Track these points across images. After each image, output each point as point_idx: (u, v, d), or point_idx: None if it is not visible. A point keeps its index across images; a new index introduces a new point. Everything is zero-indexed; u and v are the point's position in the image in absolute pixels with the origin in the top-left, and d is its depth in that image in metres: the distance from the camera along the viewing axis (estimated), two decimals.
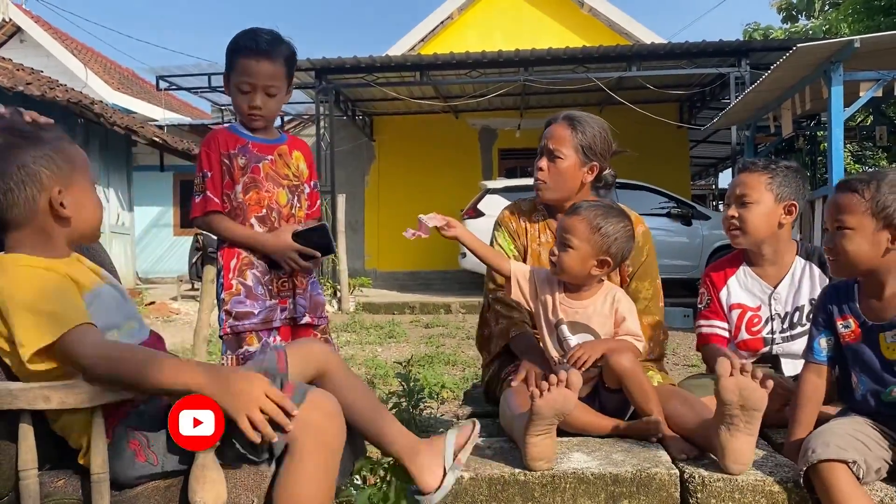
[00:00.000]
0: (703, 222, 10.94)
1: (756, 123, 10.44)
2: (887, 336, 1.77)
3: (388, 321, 8.79)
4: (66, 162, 1.49)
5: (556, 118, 2.43)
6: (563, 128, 2.37)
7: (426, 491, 1.70)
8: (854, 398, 1.85)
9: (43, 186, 1.45)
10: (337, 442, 1.49)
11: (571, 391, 1.73)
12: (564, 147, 2.35)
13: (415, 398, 3.19)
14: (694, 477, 1.75)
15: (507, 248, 2.51)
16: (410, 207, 15.33)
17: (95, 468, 1.35)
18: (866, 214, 1.74)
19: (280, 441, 1.41)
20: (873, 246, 1.74)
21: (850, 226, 1.75)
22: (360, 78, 11.81)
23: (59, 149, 1.49)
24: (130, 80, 19.30)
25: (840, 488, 1.57)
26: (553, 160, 2.37)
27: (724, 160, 18.15)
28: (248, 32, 2.25)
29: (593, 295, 2.13)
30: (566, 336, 2.10)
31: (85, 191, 1.53)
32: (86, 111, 10.22)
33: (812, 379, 1.89)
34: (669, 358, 5.90)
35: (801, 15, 19.47)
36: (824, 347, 1.90)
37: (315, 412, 1.46)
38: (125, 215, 13.04)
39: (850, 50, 6.71)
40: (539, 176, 2.41)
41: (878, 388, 1.79)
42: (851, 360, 1.85)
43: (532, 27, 14.14)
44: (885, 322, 1.78)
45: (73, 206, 1.49)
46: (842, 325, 1.87)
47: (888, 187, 1.73)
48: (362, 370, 5.42)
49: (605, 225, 2.06)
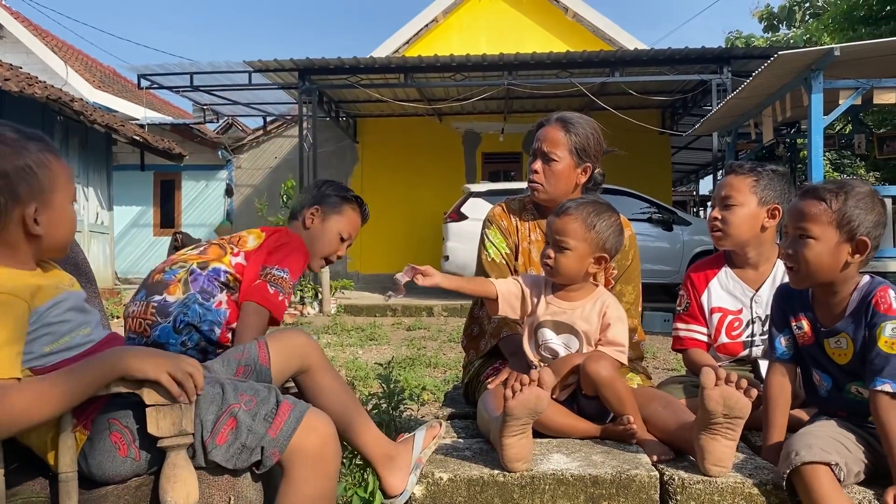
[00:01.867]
0: (684, 228, 11.02)
1: (737, 130, 10.52)
2: (831, 342, 1.78)
3: (369, 323, 8.76)
4: (48, 178, 1.41)
5: (549, 120, 2.42)
6: (556, 130, 2.37)
7: (391, 494, 1.74)
8: (820, 396, 1.86)
9: (18, 201, 1.37)
10: (333, 466, 1.48)
11: (544, 390, 1.73)
12: (559, 149, 2.35)
13: (395, 400, 3.17)
14: (674, 479, 1.74)
15: (500, 246, 2.48)
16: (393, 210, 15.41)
17: (63, 467, 1.31)
18: (831, 225, 1.70)
19: (269, 456, 1.40)
20: (833, 258, 1.71)
21: (813, 235, 1.72)
22: (344, 79, 11.79)
23: (43, 163, 1.40)
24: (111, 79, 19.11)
25: (822, 491, 1.57)
26: (548, 162, 2.36)
27: (706, 166, 18.32)
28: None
29: (584, 297, 2.10)
30: (546, 338, 2.09)
31: (62, 209, 1.45)
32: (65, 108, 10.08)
33: (777, 378, 1.89)
34: (650, 362, 5.92)
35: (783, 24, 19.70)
36: (785, 346, 1.90)
37: (311, 436, 1.44)
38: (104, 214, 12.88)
39: (830, 58, 6.78)
40: (535, 178, 2.39)
41: (839, 386, 1.80)
42: (809, 360, 1.86)
43: (516, 32, 14.19)
44: (829, 328, 1.78)
45: (46, 225, 1.41)
46: (796, 326, 1.87)
47: (855, 200, 1.70)
48: (343, 372, 5.39)
49: (599, 222, 2.05)
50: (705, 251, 10.12)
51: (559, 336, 2.08)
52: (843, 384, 1.79)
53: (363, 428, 1.77)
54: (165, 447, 1.35)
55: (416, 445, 1.80)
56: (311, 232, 2.37)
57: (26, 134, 1.43)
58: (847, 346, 1.75)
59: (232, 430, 1.42)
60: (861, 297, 1.73)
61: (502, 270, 2.43)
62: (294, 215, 2.43)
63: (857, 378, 1.75)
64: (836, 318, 1.77)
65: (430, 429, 1.86)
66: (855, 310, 1.73)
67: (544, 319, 2.09)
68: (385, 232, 14.64)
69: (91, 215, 12.10)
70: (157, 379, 1.32)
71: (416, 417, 3.70)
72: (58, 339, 1.39)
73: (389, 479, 1.75)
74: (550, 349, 2.08)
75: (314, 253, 2.36)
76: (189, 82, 12.10)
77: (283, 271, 2.08)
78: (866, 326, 1.69)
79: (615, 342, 2.06)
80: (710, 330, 2.39)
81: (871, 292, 1.71)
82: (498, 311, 2.13)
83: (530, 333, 2.12)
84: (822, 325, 1.80)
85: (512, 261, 2.48)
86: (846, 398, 1.79)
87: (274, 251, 2.13)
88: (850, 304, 1.74)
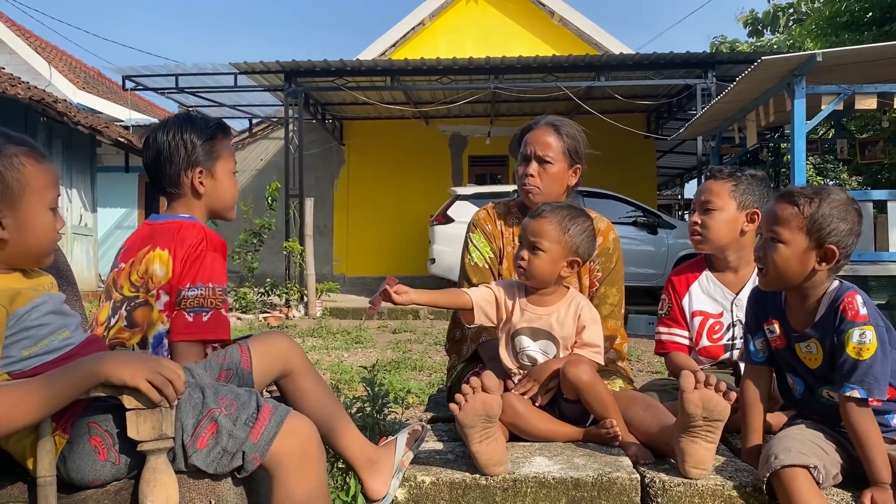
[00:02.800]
0: (669, 231, 11.08)
1: (721, 134, 10.60)
2: (801, 346, 1.80)
3: (355, 326, 8.74)
4: (18, 182, 1.38)
5: (538, 123, 2.44)
6: (549, 133, 2.39)
7: (374, 498, 1.74)
8: (795, 399, 1.88)
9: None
10: (319, 466, 1.48)
11: (491, 394, 1.73)
12: (552, 152, 2.38)
13: (379, 403, 3.16)
14: (655, 481, 1.75)
15: (483, 250, 2.49)
16: (380, 212, 15.39)
17: (41, 472, 1.30)
18: (801, 231, 1.72)
19: (250, 461, 1.40)
20: (800, 264, 1.73)
21: (783, 239, 1.74)
22: (331, 81, 11.78)
23: (13, 166, 1.38)
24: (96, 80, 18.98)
25: (801, 493, 1.59)
26: (543, 165, 2.38)
27: (690, 170, 18.41)
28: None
29: (557, 301, 2.11)
30: (524, 346, 2.09)
31: (34, 214, 1.41)
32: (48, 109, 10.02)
33: (753, 381, 1.91)
34: (634, 364, 5.95)
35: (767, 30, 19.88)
36: (760, 349, 1.92)
37: (292, 440, 1.44)
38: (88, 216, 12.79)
39: (813, 63, 6.85)
40: (530, 182, 2.40)
41: (811, 389, 1.82)
42: (783, 364, 1.88)
43: (503, 36, 14.23)
44: (800, 332, 1.80)
45: (13, 229, 1.38)
46: (768, 329, 1.89)
47: (829, 207, 1.70)
48: (327, 375, 5.37)
49: (573, 226, 2.06)
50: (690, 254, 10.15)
51: (536, 342, 2.09)
52: (815, 388, 1.81)
53: (345, 432, 1.76)
54: (145, 451, 1.34)
55: (399, 449, 1.80)
56: (207, 196, 2.05)
57: (8, 137, 1.41)
58: (817, 350, 1.77)
59: (213, 434, 1.41)
60: (830, 302, 1.74)
61: (485, 275, 2.44)
62: (174, 193, 2.05)
63: (828, 382, 1.77)
64: (805, 323, 1.79)
65: (412, 432, 1.86)
66: (823, 315, 1.75)
67: (521, 327, 2.09)
68: (371, 235, 14.63)
69: (75, 217, 12.02)
70: (136, 386, 1.31)
71: (400, 420, 3.70)
72: (36, 342, 1.38)
73: (371, 483, 1.75)
74: (529, 356, 2.09)
75: (223, 209, 2.09)
76: (174, 84, 12.03)
77: (197, 288, 1.80)
78: (835, 332, 1.70)
79: (591, 343, 2.07)
80: (691, 333, 2.41)
81: (839, 298, 1.72)
82: (474, 321, 2.12)
83: (507, 341, 2.12)
84: (793, 329, 1.82)
85: (496, 265, 2.48)
86: (819, 402, 1.82)
87: (183, 272, 1.82)
88: (819, 309, 1.76)
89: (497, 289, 2.14)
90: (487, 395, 1.74)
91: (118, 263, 1.93)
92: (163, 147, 2.00)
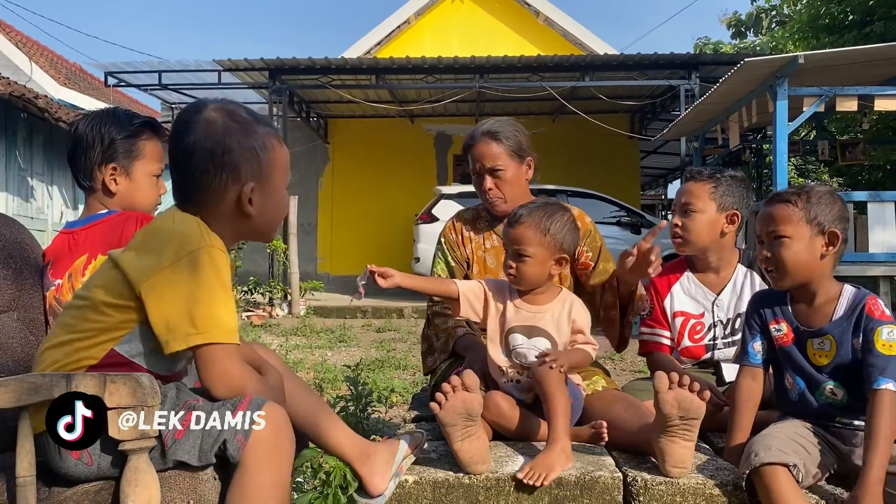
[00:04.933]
0: None
1: (704, 135, 10.68)
2: (814, 343, 1.85)
3: (339, 325, 8.71)
4: (269, 161, 1.52)
5: (475, 138, 2.47)
6: (489, 144, 2.43)
7: (374, 494, 1.69)
8: (790, 400, 1.90)
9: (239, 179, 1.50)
10: (287, 455, 1.44)
11: (472, 392, 1.73)
12: (500, 160, 2.42)
13: (363, 402, 3.15)
14: (637, 480, 1.76)
15: (448, 261, 2.56)
16: (364, 211, 15.32)
17: (21, 471, 1.29)
18: (802, 222, 1.82)
19: (236, 446, 1.37)
20: (810, 251, 1.82)
21: (788, 234, 1.82)
22: (315, 79, 11.73)
23: (266, 147, 1.51)
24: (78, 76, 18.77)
25: (780, 492, 1.61)
26: (496, 175, 2.43)
27: (674, 171, 18.53)
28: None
29: (551, 300, 2.11)
30: (517, 343, 2.09)
31: (276, 193, 1.56)
32: (29, 105, 9.88)
33: (747, 383, 1.94)
34: (616, 364, 5.97)
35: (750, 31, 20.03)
36: (759, 351, 1.95)
37: (268, 426, 1.39)
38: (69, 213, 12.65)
39: (795, 65, 6.92)
40: (491, 195, 2.45)
41: (811, 388, 1.85)
42: (784, 362, 1.91)
43: (488, 35, 14.23)
44: (815, 329, 1.85)
45: (259, 205, 1.51)
46: (775, 328, 1.92)
47: (817, 198, 1.83)
48: (311, 374, 5.36)
49: (552, 224, 2.06)
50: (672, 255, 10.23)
51: (531, 339, 2.09)
52: (816, 386, 1.84)
53: (334, 429, 1.70)
54: (127, 450, 1.33)
55: (401, 451, 1.76)
56: (120, 196, 2.00)
57: (257, 119, 1.55)
58: (830, 347, 1.82)
59: (190, 424, 1.39)
60: (850, 304, 1.82)
61: None
62: (87, 187, 2.00)
63: (833, 379, 1.81)
64: (821, 321, 1.84)
65: (414, 438, 1.83)
66: (844, 315, 1.81)
67: (516, 325, 2.09)
68: (356, 233, 14.59)
69: (56, 214, 11.89)
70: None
71: (384, 420, 3.70)
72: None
73: (371, 477, 1.69)
74: (521, 354, 2.09)
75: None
76: (157, 80, 11.93)
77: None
78: (861, 332, 1.77)
79: (590, 341, 2.10)
80: (673, 334, 2.43)
81: (862, 300, 1.80)
82: (460, 312, 2.13)
83: (501, 339, 2.13)
84: (804, 326, 1.87)
85: (461, 272, 2.54)
86: (816, 401, 1.84)
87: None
88: (837, 308, 1.83)
89: (487, 285, 2.15)
90: (468, 393, 1.74)
91: (51, 282, 1.86)
92: (81, 138, 1.95)
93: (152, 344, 1.43)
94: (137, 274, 1.40)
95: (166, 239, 1.43)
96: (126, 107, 2.41)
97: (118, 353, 1.44)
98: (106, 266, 1.48)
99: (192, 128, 1.48)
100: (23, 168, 10.83)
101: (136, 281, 1.39)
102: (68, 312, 1.49)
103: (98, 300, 1.43)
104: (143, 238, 1.49)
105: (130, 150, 1.98)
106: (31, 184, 11.06)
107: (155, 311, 1.38)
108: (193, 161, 1.47)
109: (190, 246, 1.40)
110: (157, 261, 1.39)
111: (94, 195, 1.99)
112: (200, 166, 1.47)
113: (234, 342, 1.42)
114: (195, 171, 1.47)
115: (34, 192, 11.18)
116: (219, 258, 1.42)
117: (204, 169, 1.47)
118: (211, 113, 1.49)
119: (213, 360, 1.39)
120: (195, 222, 1.46)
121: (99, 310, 1.43)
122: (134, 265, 1.41)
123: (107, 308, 1.42)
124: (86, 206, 2.01)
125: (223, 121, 1.48)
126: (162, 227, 1.47)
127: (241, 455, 1.37)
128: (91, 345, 1.43)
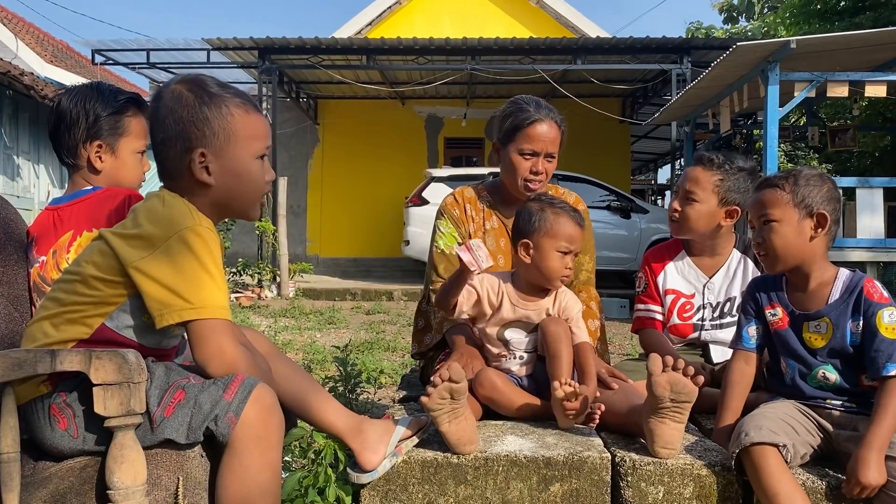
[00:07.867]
0: (642, 216, 11.15)
1: (696, 120, 10.68)
2: (810, 325, 1.85)
3: (328, 307, 8.70)
4: (224, 130, 1.50)
5: (541, 114, 2.32)
6: (555, 129, 2.31)
7: (366, 468, 1.68)
8: (784, 384, 1.91)
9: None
10: (277, 437, 1.43)
11: (457, 385, 1.72)
12: (555, 149, 2.33)
13: (352, 382, 3.15)
14: (625, 461, 1.77)
15: (450, 236, 2.47)
16: (354, 193, 15.27)
17: (5, 448, 1.27)
18: (789, 206, 1.82)
19: (226, 424, 1.36)
20: (799, 234, 1.82)
21: (776, 218, 1.83)
22: (305, 59, 11.62)
23: (222, 115, 1.49)
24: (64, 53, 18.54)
25: (769, 471, 1.62)
26: (549, 162, 2.34)
27: (664, 155, 18.55)
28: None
29: (549, 296, 2.11)
30: (512, 338, 2.10)
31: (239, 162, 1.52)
32: (15, 82, 9.75)
33: (741, 366, 1.95)
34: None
35: (742, 16, 20.01)
36: (753, 335, 1.96)
37: (256, 406, 1.39)
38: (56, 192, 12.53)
39: (787, 50, 6.91)
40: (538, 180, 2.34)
41: (805, 372, 1.86)
42: (779, 346, 1.92)
43: (480, 16, 14.15)
44: (811, 312, 1.85)
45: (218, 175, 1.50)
46: (770, 313, 1.93)
47: (804, 181, 1.84)
48: (300, 355, 5.35)
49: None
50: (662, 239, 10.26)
51: (528, 336, 2.10)
52: (810, 369, 1.85)
53: (325, 405, 1.68)
54: (113, 427, 1.32)
55: (399, 431, 1.74)
56: (106, 173, 1.96)
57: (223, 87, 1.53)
58: (827, 330, 1.82)
59: (180, 401, 1.38)
60: (847, 287, 1.82)
61: (452, 262, 2.41)
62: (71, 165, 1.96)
63: (826, 364, 1.82)
64: (817, 304, 1.85)
65: (417, 420, 1.80)
66: (841, 297, 1.82)
67: (513, 319, 2.10)
68: (345, 215, 14.55)
69: (42, 192, 11.78)
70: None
71: (373, 400, 3.70)
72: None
73: (363, 451, 1.68)
74: (515, 346, 2.10)
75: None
76: (145, 59, 11.80)
77: None
78: (860, 315, 1.77)
79: (581, 328, 2.11)
80: (663, 311, 2.44)
81: (859, 283, 1.80)
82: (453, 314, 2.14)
83: (499, 333, 2.13)
84: (799, 310, 1.87)
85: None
86: (808, 386, 1.85)
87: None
88: (833, 291, 1.83)
89: (479, 285, 2.12)
90: (454, 384, 1.72)
91: (35, 259, 1.84)
92: (64, 114, 1.91)
93: (144, 316, 1.43)
94: (128, 254, 1.40)
95: (155, 219, 1.43)
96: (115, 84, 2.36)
97: (108, 327, 1.44)
98: (97, 243, 1.48)
99: (158, 102, 1.49)
100: (8, 146, 10.71)
101: (127, 261, 1.40)
102: (58, 286, 1.49)
103: (88, 275, 1.43)
104: (133, 217, 1.48)
105: (116, 127, 1.95)
106: (17, 162, 10.94)
107: (147, 287, 1.38)
108: (155, 134, 1.50)
109: (179, 225, 1.41)
110: (147, 242, 1.40)
111: (79, 172, 1.96)
112: (158, 137, 1.49)
113: (228, 318, 1.43)
114: (157, 143, 1.50)
115: (20, 171, 11.06)
116: (208, 236, 1.43)
117: (161, 140, 1.48)
118: (175, 86, 1.50)
119: (207, 336, 1.40)
120: (183, 202, 1.47)
121: (89, 284, 1.43)
122: (125, 245, 1.41)
123: (97, 283, 1.42)
124: (70, 183, 1.98)
125: (180, 91, 1.48)
126: (151, 208, 1.47)
127: (231, 436, 1.36)
128: (81, 317, 1.43)
